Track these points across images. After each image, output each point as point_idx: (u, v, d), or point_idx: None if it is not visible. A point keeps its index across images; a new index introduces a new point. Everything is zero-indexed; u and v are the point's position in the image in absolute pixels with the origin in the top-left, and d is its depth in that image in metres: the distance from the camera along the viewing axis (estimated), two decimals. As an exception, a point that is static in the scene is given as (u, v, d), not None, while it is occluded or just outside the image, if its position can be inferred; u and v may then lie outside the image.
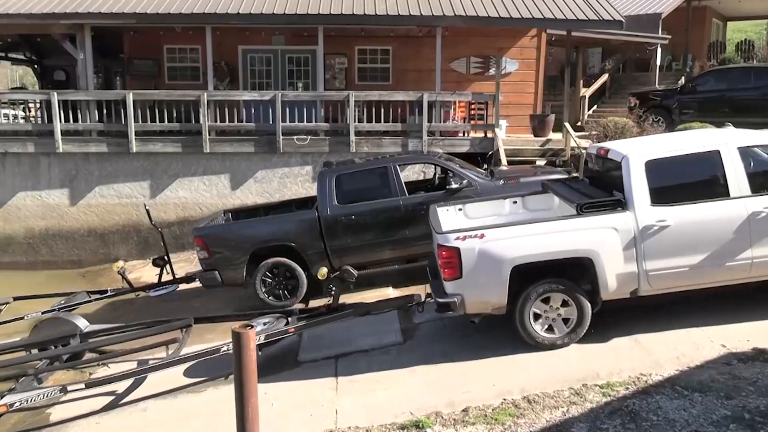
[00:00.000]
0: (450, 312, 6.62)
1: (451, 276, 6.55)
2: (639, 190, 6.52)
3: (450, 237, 6.53)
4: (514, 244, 6.46)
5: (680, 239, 6.45)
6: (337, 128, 14.25)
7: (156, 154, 14.04)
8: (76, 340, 8.50)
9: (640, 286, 6.56)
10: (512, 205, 8.07)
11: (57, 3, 14.20)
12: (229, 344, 7.22)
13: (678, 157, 6.74)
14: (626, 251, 6.46)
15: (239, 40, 16.55)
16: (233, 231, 10.17)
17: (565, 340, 6.61)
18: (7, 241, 14.31)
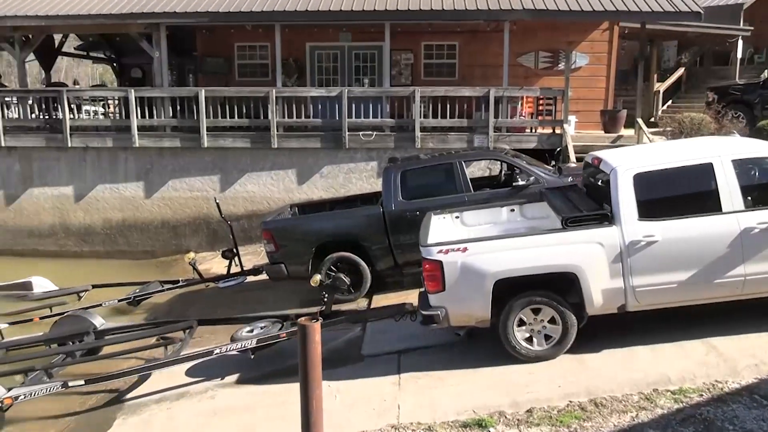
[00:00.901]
0: (434, 324, 6.56)
1: (434, 289, 6.51)
2: (626, 204, 6.34)
3: (433, 250, 6.48)
4: (497, 258, 6.38)
5: (668, 255, 6.26)
6: (403, 124, 14.26)
7: (226, 150, 14.42)
8: (90, 337, 8.92)
9: (628, 302, 6.40)
10: (509, 213, 7.95)
11: (135, 3, 14.77)
12: (222, 346, 7.70)
13: (669, 170, 6.51)
14: (612, 266, 6.30)
15: (307, 37, 16.79)
16: (299, 225, 10.34)
17: (549, 352, 6.49)
18: (87, 232, 15.01)
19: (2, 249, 15.16)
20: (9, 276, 12.82)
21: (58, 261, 14.49)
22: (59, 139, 14.64)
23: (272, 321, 8.18)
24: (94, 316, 9.45)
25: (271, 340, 7.70)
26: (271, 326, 8.02)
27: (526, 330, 6.50)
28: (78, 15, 14.54)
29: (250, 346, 7.59)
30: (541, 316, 6.46)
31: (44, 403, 7.79)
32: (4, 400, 7.23)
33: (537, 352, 6.49)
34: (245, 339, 7.73)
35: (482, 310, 6.43)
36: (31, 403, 7.75)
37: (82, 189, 14.94)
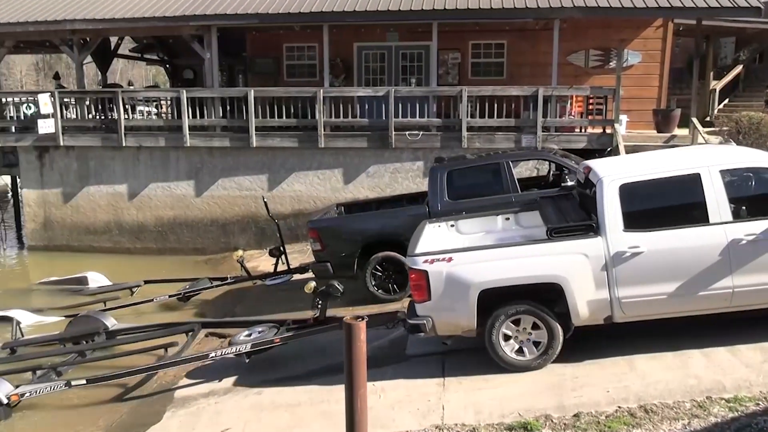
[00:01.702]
0: (421, 333, 6.58)
1: (420, 298, 6.53)
2: (611, 215, 6.30)
3: (418, 260, 6.50)
4: (481, 268, 6.38)
5: (654, 266, 6.20)
6: (449, 124, 14.19)
7: (274, 149, 14.61)
8: (101, 337, 9.26)
9: (614, 314, 6.36)
10: (504, 222, 7.91)
11: (187, 6, 15.10)
12: (217, 350, 7.93)
13: (656, 181, 6.44)
14: (597, 278, 6.26)
15: (355, 37, 16.87)
16: (345, 224, 10.40)
17: (535, 363, 6.46)
18: (140, 229, 15.43)
19: (60, 245, 15.74)
20: (66, 271, 13.31)
21: (112, 257, 14.96)
22: (114, 138, 15.09)
23: (269, 326, 8.33)
24: (106, 317, 9.79)
25: (265, 345, 7.89)
26: (267, 331, 8.18)
27: (512, 340, 6.52)
28: (133, 18, 14.96)
29: (244, 351, 7.81)
30: (527, 327, 6.46)
31: (99, 393, 8.06)
32: (11, 396, 7.63)
33: (522, 362, 6.51)
34: (242, 343, 7.93)
35: (468, 320, 6.45)
36: (87, 393, 8.06)
37: (135, 187, 15.37)
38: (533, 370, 6.46)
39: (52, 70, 48.45)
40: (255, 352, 7.88)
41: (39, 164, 15.76)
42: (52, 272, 13.51)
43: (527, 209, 8.02)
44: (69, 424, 7.56)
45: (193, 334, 8.72)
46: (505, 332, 6.48)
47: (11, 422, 7.67)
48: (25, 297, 12.67)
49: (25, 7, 16.06)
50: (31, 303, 12.07)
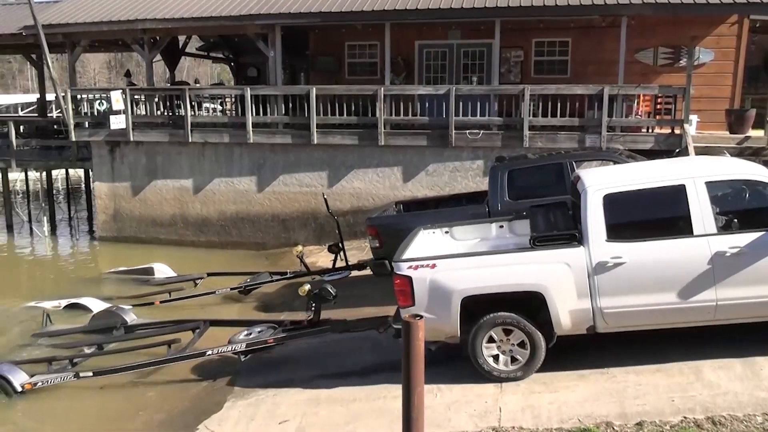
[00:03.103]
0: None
1: (404, 304, 6.59)
2: (594, 225, 6.30)
3: (403, 266, 6.57)
4: (464, 275, 6.42)
5: (636, 277, 6.17)
6: (511, 123, 14.00)
7: (334, 146, 14.75)
8: (120, 331, 9.69)
9: (596, 324, 6.36)
10: (499, 229, 7.92)
11: (253, 5, 15.40)
12: (214, 349, 8.21)
13: (641, 191, 6.42)
14: (579, 287, 6.26)
15: (416, 36, 16.85)
16: (404, 222, 10.37)
17: (518, 373, 6.47)
18: (203, 222, 15.86)
19: (128, 236, 16.34)
20: (134, 261, 13.82)
21: (176, 249, 15.43)
22: (181, 134, 15.55)
23: (268, 326, 8.60)
24: (127, 312, 10.22)
25: (259, 345, 8.16)
26: (265, 331, 8.46)
27: (495, 349, 6.52)
28: (201, 17, 15.35)
29: (239, 350, 8.11)
30: (509, 336, 6.46)
31: (164, 382, 8.32)
32: (25, 385, 8.10)
33: (505, 372, 6.51)
34: (239, 342, 8.19)
35: (451, 327, 6.49)
36: (153, 380, 8.35)
37: (200, 182, 15.80)
38: (514, 381, 6.47)
39: (123, 68, 50.35)
40: (250, 351, 8.17)
41: (110, 158, 16.40)
42: (120, 262, 14.07)
43: (521, 217, 7.98)
44: (136, 407, 7.84)
45: (200, 332, 9.04)
46: (487, 341, 6.50)
47: (83, 403, 8.02)
48: (95, 285, 13.23)
49: (100, 7, 16.71)
50: (101, 291, 12.59)
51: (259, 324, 8.77)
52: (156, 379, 8.48)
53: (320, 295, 8.18)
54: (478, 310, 6.45)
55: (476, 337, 6.47)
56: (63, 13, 16.73)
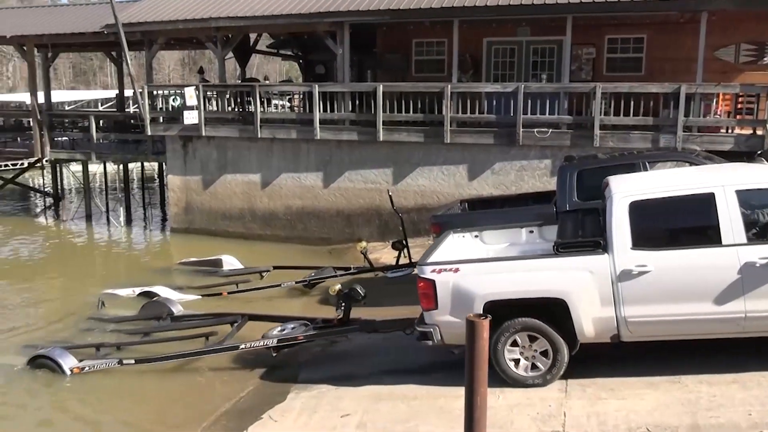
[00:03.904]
0: (428, 341, 6.70)
1: (427, 306, 6.64)
2: (619, 232, 6.22)
3: (426, 269, 6.61)
4: (487, 280, 6.43)
5: (662, 287, 6.06)
6: (581, 121, 13.66)
7: (400, 143, 14.77)
8: (166, 321, 10.16)
9: (621, 333, 6.28)
10: (529, 235, 7.86)
11: (322, 3, 15.58)
12: (248, 343, 8.39)
13: (668, 199, 6.31)
14: (603, 295, 6.18)
15: (485, 33, 16.67)
16: (468, 221, 10.30)
17: (540, 380, 6.43)
18: (270, 216, 16.19)
19: (199, 228, 16.85)
20: (203, 253, 14.25)
21: (244, 242, 15.82)
22: (250, 130, 15.90)
23: (300, 323, 8.76)
24: (174, 304, 10.68)
25: (290, 341, 8.38)
26: (298, 328, 8.61)
27: (517, 354, 6.49)
28: (272, 15, 15.65)
29: (271, 345, 8.33)
30: (532, 342, 6.42)
31: (230, 371, 8.54)
32: (74, 369, 8.55)
33: (526, 377, 6.47)
34: (271, 338, 8.36)
35: None
36: (221, 366, 8.59)
37: (268, 177, 16.13)
38: (536, 387, 6.38)
39: (196, 65, 51.90)
40: (280, 347, 8.35)
41: (183, 152, 16.94)
42: (190, 253, 14.52)
43: (552, 222, 7.87)
44: (202, 396, 8.10)
45: (238, 325, 9.29)
46: (510, 346, 6.47)
47: (154, 389, 8.34)
48: (166, 275, 13.70)
49: (176, 6, 17.26)
50: (172, 281, 13.03)
51: (293, 321, 8.98)
52: (218, 369, 8.71)
53: (350, 295, 8.34)
54: (501, 315, 6.40)
55: (498, 342, 6.45)
56: (141, 12, 17.38)
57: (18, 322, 11.00)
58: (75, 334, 10.29)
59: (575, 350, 6.42)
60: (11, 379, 8.72)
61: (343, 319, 8.41)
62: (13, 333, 10.51)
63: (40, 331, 10.51)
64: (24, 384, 8.54)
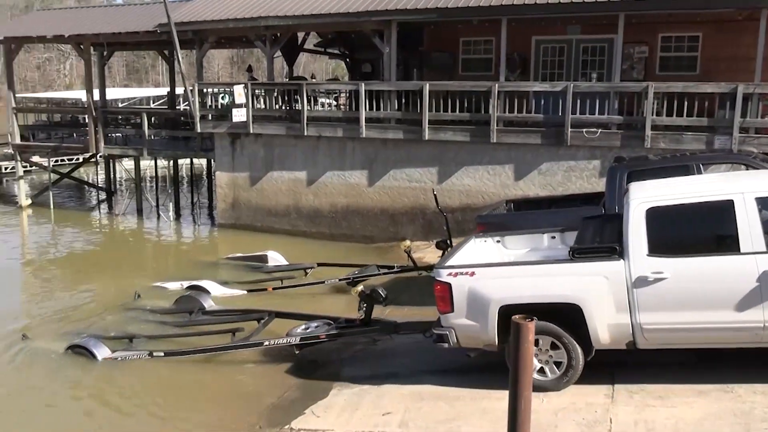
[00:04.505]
0: (445, 344, 6.78)
1: (443, 310, 6.72)
2: (635, 238, 6.19)
3: (443, 272, 6.69)
4: (502, 284, 6.50)
5: (678, 294, 6.02)
6: (631, 122, 13.36)
7: (445, 143, 14.70)
8: (197, 315, 10.40)
9: (636, 340, 6.25)
10: (551, 240, 7.82)
11: (370, 2, 15.62)
12: (272, 340, 8.66)
13: (686, 206, 6.27)
14: (618, 302, 6.17)
15: (533, 31, 16.46)
16: (515, 221, 10.20)
17: (555, 384, 6.44)
18: (315, 214, 16.33)
19: (245, 224, 17.12)
20: (249, 248, 14.47)
21: (289, 238, 15.98)
22: (297, 128, 16.05)
23: (324, 322, 8.88)
24: (206, 298, 10.90)
25: (312, 340, 8.54)
26: (322, 326, 8.74)
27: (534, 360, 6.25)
28: (320, 14, 15.76)
29: (294, 343, 8.48)
30: (547, 347, 6.41)
31: (272, 366, 8.66)
32: (106, 358, 8.90)
33: (541, 383, 6.40)
34: (295, 336, 8.50)
35: (488, 335, 6.55)
36: (264, 363, 8.71)
37: (313, 174, 16.27)
38: (552, 391, 6.34)
39: (245, 63, 52.70)
40: (303, 345, 8.54)
41: (231, 149, 17.22)
42: (236, 249, 14.77)
43: (574, 228, 7.73)
44: (246, 390, 8.23)
45: (265, 322, 9.48)
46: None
47: (194, 383, 8.51)
48: (213, 270, 13.95)
49: (227, 6, 17.54)
50: (218, 275, 13.26)
51: (318, 319, 9.10)
52: (260, 363, 8.85)
53: (371, 297, 8.43)
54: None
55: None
56: (193, 11, 17.74)
57: (65, 310, 11.46)
58: (115, 324, 10.62)
59: (590, 356, 6.43)
60: (49, 366, 9.07)
61: (365, 320, 8.54)
62: (59, 320, 10.99)
63: (85, 320, 10.90)
64: (60, 371, 8.87)
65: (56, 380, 8.68)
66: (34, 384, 8.65)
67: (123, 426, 7.65)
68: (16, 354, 9.55)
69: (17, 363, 9.30)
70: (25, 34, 21.10)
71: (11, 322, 10.92)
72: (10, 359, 9.41)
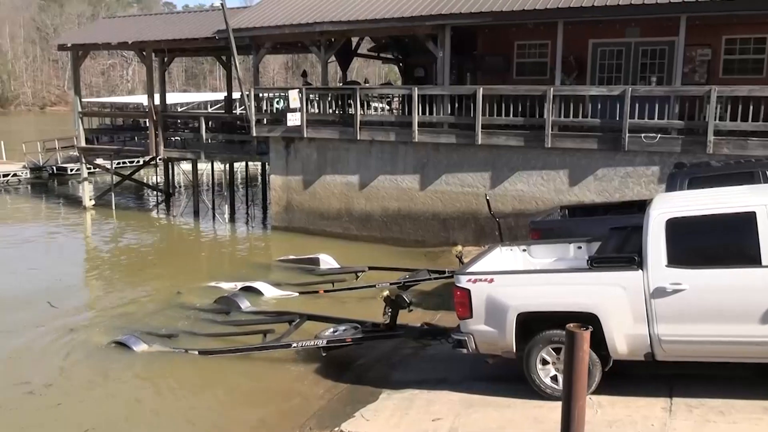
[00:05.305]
0: (463, 349, 6.87)
1: (462, 315, 6.80)
2: (654, 249, 6.14)
3: (462, 278, 6.77)
4: (520, 292, 6.54)
5: (697, 306, 5.96)
6: (693, 126, 12.95)
7: (499, 147, 14.56)
8: (235, 315, 10.77)
9: (654, 351, 6.20)
10: (577, 250, 7.78)
11: (424, 7, 15.62)
12: (300, 342, 8.81)
13: (707, 217, 6.17)
14: (636, 312, 6.14)
15: (590, 34, 16.13)
16: (569, 228, 10.02)
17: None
18: (367, 217, 16.41)
19: (298, 227, 17.34)
20: (301, 251, 14.65)
21: (340, 242, 16.11)
22: (350, 132, 16.18)
23: (352, 325, 8.98)
24: (242, 300, 11.21)
25: (338, 343, 8.66)
26: (349, 330, 8.86)
27: (550, 367, 6.52)
28: (374, 19, 15.87)
29: (321, 345, 8.64)
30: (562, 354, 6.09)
31: (327, 370, 8.72)
32: (144, 352, 9.35)
33: (555, 390, 6.34)
34: (322, 338, 8.58)
35: (506, 341, 6.60)
36: (313, 364, 8.80)
37: (365, 178, 16.36)
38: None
39: (299, 68, 53.52)
40: (330, 348, 8.67)
41: (285, 153, 17.48)
42: (289, 251, 14.99)
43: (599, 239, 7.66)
44: (298, 391, 8.32)
45: (296, 324, 9.69)
46: (543, 358, 6.52)
47: (238, 381, 8.65)
48: (266, 271, 14.18)
49: (282, 13, 17.84)
50: (271, 277, 13.47)
51: (346, 323, 9.20)
52: (309, 363, 8.92)
53: (396, 302, 8.50)
54: (533, 328, 6.52)
55: (531, 354, 6.53)
56: (250, 18, 18.10)
57: (122, 306, 11.95)
58: (161, 320, 11.00)
59: (608, 366, 6.39)
60: (93, 358, 9.50)
61: (390, 325, 8.62)
62: (111, 314, 11.47)
63: (136, 315, 11.33)
64: (102, 364, 9.22)
65: (98, 371, 9.04)
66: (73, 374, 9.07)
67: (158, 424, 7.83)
68: (66, 343, 10.12)
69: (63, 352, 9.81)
70: (91, 41, 21.98)
71: (71, 315, 11.52)
72: (61, 347, 9.97)
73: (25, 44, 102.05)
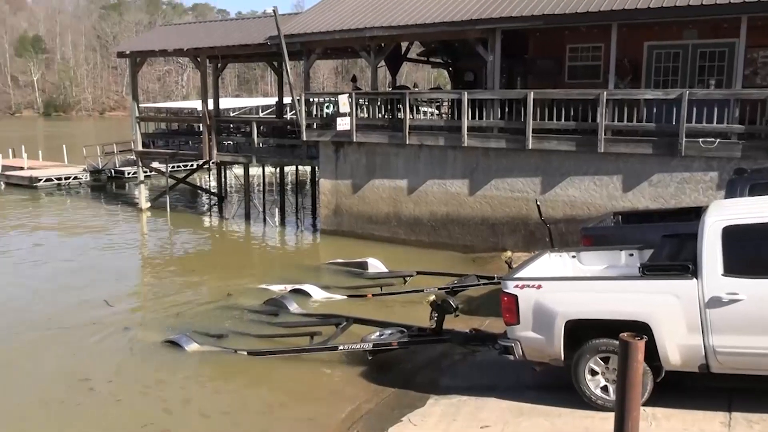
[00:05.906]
0: (510, 356, 6.77)
1: (509, 321, 6.73)
2: (710, 257, 5.97)
3: (509, 284, 6.70)
4: (569, 298, 6.42)
5: (755, 317, 5.75)
6: (754, 131, 12.50)
7: (549, 152, 14.36)
8: (283, 317, 10.92)
9: (710, 363, 6.01)
10: (628, 258, 7.59)
11: (474, 10, 15.54)
12: (346, 345, 8.87)
13: (765, 225, 5.93)
14: (690, 322, 5.98)
15: (646, 36, 15.76)
16: (622, 234, 9.79)
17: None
18: (415, 222, 16.40)
19: (346, 231, 17.46)
20: (350, 254, 14.74)
21: (389, 246, 16.14)
22: (399, 136, 16.21)
23: (398, 329, 9.01)
24: (290, 302, 11.47)
25: (384, 347, 8.66)
26: (395, 333, 8.87)
27: (599, 377, 6.38)
28: (424, 24, 15.87)
29: (367, 348, 8.66)
30: (614, 365, 5.99)
31: (373, 373, 8.74)
32: (194, 352, 9.58)
33: (606, 401, 6.24)
34: (368, 342, 8.75)
35: (553, 349, 6.48)
36: (364, 369, 8.86)
37: (414, 183, 16.36)
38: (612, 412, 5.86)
39: (348, 73, 53.92)
40: (375, 352, 8.66)
41: (335, 157, 17.64)
42: (338, 254, 15.10)
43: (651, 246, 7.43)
44: (345, 394, 8.34)
45: (342, 327, 9.75)
46: (592, 367, 6.39)
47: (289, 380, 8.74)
48: (315, 274, 14.31)
49: (332, 18, 18.02)
50: (319, 279, 13.60)
51: (392, 327, 9.21)
52: (357, 366, 8.96)
53: (442, 307, 8.47)
54: (582, 336, 6.33)
55: (579, 363, 6.42)
56: (301, 24, 18.35)
57: (175, 306, 12.21)
58: (212, 320, 11.25)
59: (660, 377, 6.22)
60: (146, 356, 9.78)
61: (436, 329, 8.59)
62: (164, 314, 11.79)
63: (189, 315, 11.63)
64: (155, 363, 9.48)
65: (151, 369, 9.29)
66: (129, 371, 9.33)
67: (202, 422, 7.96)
68: (121, 341, 10.45)
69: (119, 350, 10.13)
70: (148, 49, 22.66)
71: (126, 313, 11.93)
72: (116, 345, 10.32)
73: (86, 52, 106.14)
